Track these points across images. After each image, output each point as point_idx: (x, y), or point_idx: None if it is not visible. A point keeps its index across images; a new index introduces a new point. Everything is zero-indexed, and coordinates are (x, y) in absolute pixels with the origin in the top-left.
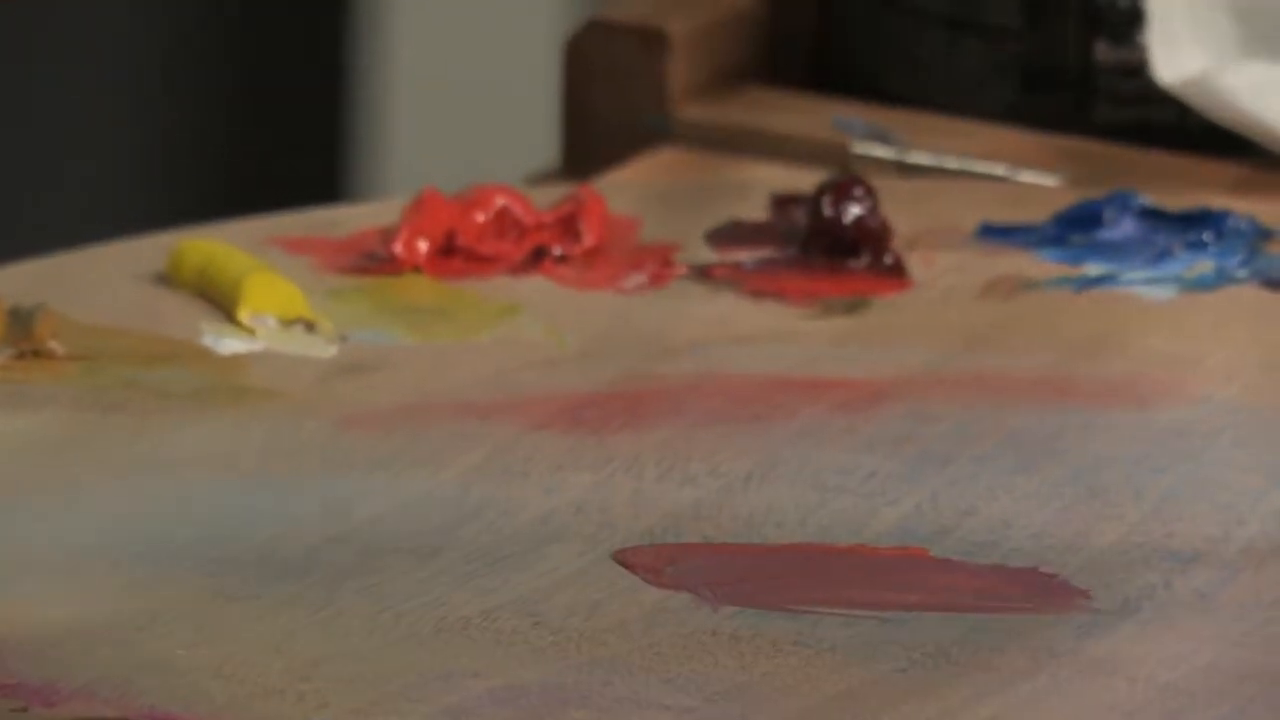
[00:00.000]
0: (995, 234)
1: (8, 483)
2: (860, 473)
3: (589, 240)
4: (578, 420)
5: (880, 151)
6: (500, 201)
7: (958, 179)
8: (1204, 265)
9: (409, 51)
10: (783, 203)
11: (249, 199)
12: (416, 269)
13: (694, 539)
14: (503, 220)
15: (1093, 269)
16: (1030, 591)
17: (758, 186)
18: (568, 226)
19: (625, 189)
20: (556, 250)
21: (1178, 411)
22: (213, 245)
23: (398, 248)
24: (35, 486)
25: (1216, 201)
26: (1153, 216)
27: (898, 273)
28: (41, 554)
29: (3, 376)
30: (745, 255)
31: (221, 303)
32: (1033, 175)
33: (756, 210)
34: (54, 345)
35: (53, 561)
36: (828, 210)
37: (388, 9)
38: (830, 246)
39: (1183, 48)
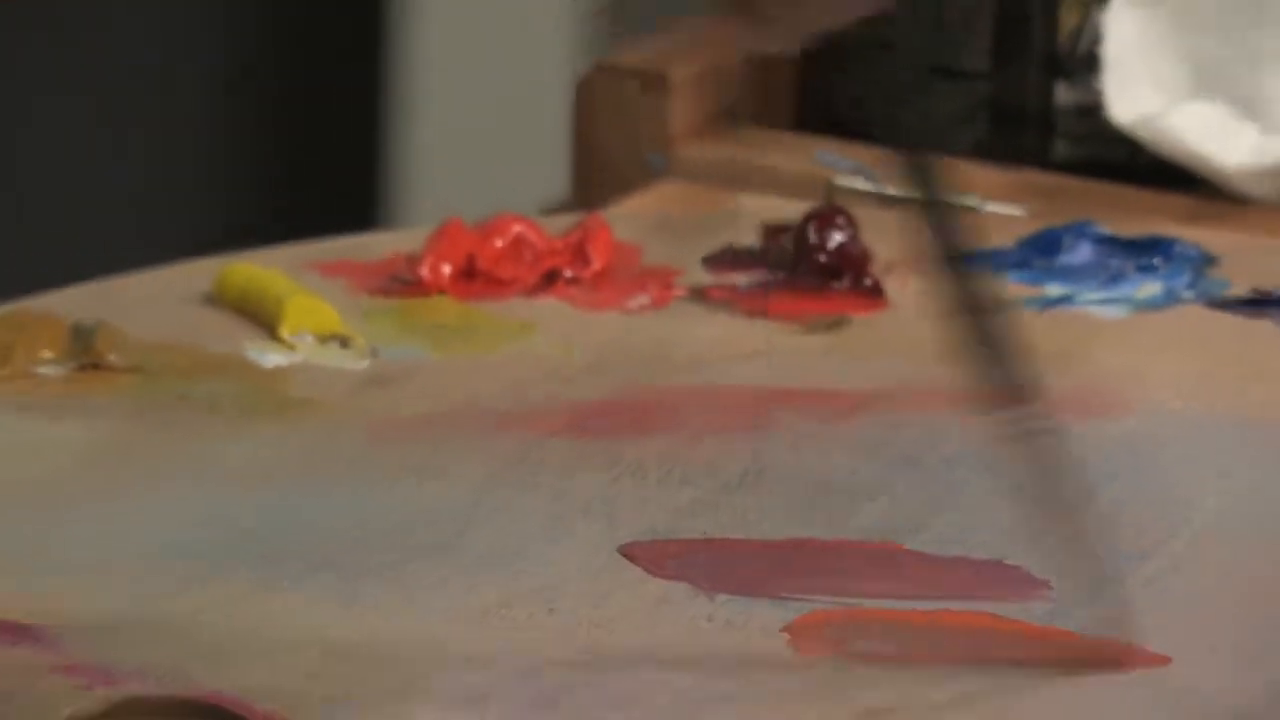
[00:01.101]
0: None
1: (70, 486)
2: (841, 474)
3: (596, 264)
4: (586, 428)
5: (860, 185)
6: (516, 229)
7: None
8: (1153, 287)
9: (436, 93)
10: (772, 231)
11: (294, 225)
12: (440, 291)
13: (692, 535)
14: (518, 246)
15: (1053, 290)
16: (994, 582)
17: (749, 216)
18: (577, 252)
19: (629, 218)
20: (567, 273)
21: (1128, 421)
22: (255, 269)
23: (423, 271)
24: (95, 490)
25: (1166, 230)
26: (1107, 243)
27: (876, 294)
28: (101, 551)
29: (66, 388)
30: (738, 278)
31: (264, 321)
32: (999, 206)
33: (748, 237)
34: (112, 359)
35: (111, 558)
36: (813, 237)
37: (418, 55)
38: (815, 270)
39: (1135, 90)
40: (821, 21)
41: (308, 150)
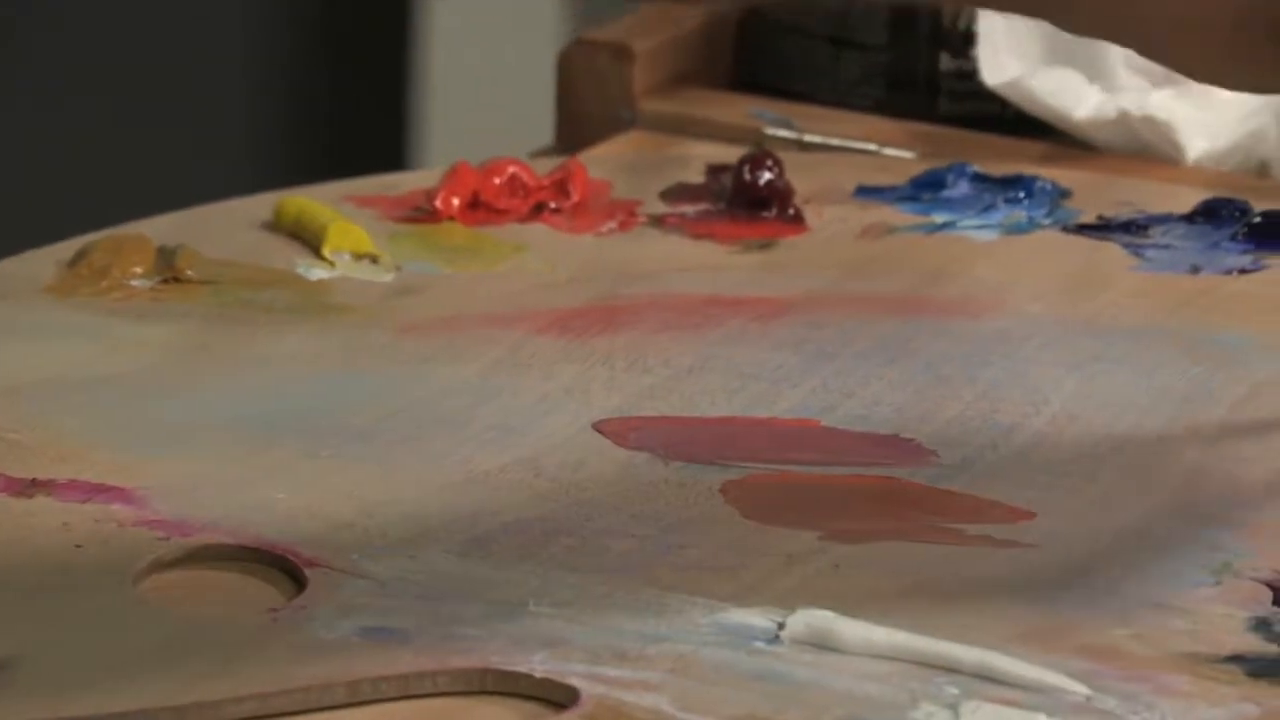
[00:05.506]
0: (868, 193)
1: (156, 374)
2: (770, 365)
3: (575, 197)
4: (567, 328)
5: (785, 133)
6: (511, 169)
7: (841, 154)
8: (1018, 215)
9: (450, 66)
10: (715, 170)
11: (336, 166)
12: (451, 219)
13: (651, 414)
14: (513, 183)
15: (938, 218)
16: (893, 451)
17: (697, 159)
18: (560, 188)
19: (602, 160)
20: (552, 205)
21: (999, 322)
22: (304, 201)
23: (438, 203)
24: (176, 376)
25: (1028, 169)
26: (981, 180)
27: (798, 221)
28: (180, 426)
29: (153, 296)
30: (688, 208)
31: (311, 243)
32: (895, 151)
33: (696, 176)
34: (190, 274)
35: (188, 432)
36: (747, 175)
37: (437, 38)
38: (749, 202)
39: (1003, 59)
40: None
41: (352, 109)
